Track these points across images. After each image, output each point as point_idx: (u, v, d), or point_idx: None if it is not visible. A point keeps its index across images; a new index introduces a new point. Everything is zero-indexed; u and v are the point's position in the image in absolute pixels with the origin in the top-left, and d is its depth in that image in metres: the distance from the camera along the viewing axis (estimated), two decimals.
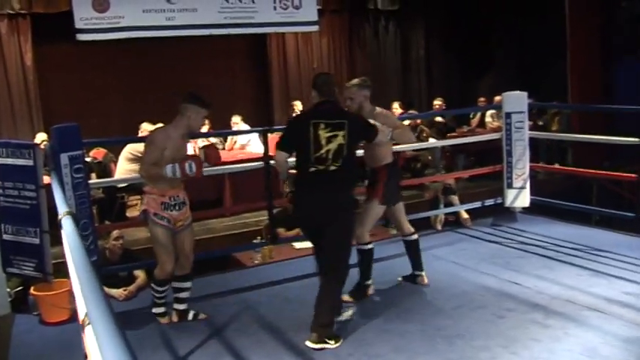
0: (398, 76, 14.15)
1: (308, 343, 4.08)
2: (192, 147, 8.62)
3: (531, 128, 7.76)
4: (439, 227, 6.93)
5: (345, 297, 4.72)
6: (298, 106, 10.88)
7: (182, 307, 4.67)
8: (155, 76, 11.19)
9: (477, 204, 6.84)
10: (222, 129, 9.68)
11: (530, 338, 4.01)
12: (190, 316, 4.67)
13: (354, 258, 4.60)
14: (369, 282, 4.93)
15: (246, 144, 9.79)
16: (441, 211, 6.94)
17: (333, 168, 4.11)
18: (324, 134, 4.09)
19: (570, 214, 6.91)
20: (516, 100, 6.39)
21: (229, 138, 10.02)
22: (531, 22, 12.70)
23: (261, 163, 5.85)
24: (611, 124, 10.65)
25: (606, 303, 4.51)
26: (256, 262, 6.13)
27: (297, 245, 6.52)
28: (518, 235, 6.44)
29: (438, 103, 10.31)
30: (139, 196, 8.62)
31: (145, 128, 8.42)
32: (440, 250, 6.05)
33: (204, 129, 9.63)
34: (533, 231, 6.52)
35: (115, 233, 5.51)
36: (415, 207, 7.59)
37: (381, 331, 4.29)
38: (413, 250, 5.15)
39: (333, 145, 4.09)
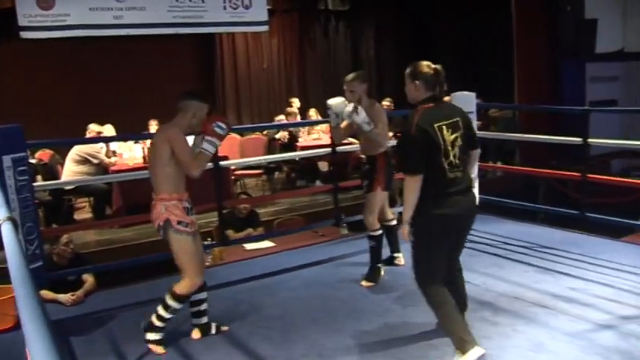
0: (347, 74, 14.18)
1: None
2: (141, 148, 8.52)
3: (480, 128, 7.86)
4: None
5: (364, 283, 5.13)
6: (296, 103, 10.83)
7: (204, 320, 4.32)
8: (103, 75, 11.03)
9: None
10: None
11: (480, 335, 4.04)
12: (213, 329, 4.34)
13: (365, 244, 5.24)
14: (381, 265, 5.28)
15: None
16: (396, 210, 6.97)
17: (459, 174, 3.64)
18: (448, 138, 3.58)
19: (518, 212, 7.04)
20: (465, 101, 6.43)
21: None
22: (479, 24, 12.92)
23: (210, 164, 5.78)
24: (557, 125, 10.89)
25: (553, 299, 4.60)
26: (207, 263, 6.03)
27: (248, 247, 6.48)
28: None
29: (386, 103, 10.36)
30: (86, 199, 8.49)
31: (93, 129, 8.27)
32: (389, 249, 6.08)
33: (153, 130, 9.53)
34: (483, 229, 6.59)
35: (65, 238, 5.37)
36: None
37: (333, 331, 4.28)
38: (393, 234, 5.44)
39: (456, 150, 3.61)
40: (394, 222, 5.40)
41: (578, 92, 11.86)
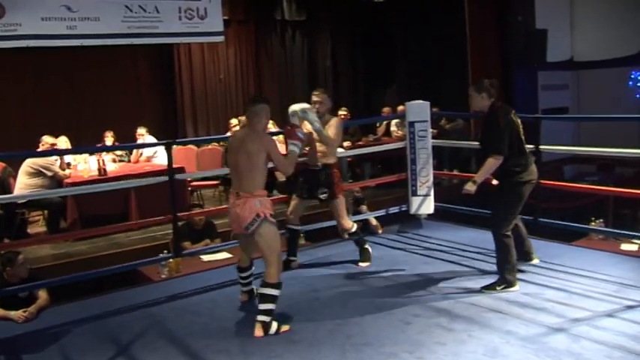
0: (305, 86, 14.23)
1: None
2: (97, 160, 8.41)
3: (435, 137, 7.95)
4: (346, 236, 7.01)
5: (362, 264, 5.91)
6: (233, 122, 10.70)
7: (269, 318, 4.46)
8: (57, 86, 10.86)
9: (382, 212, 6.97)
10: (128, 141, 9.46)
11: (436, 342, 4.11)
12: (274, 327, 4.45)
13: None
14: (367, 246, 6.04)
15: (153, 156, 9.61)
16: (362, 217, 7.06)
17: (528, 153, 4.97)
18: (519, 124, 4.90)
19: (473, 219, 7.14)
20: (419, 110, 6.53)
21: (134, 150, 9.80)
22: (434, 35, 13.09)
23: (165, 177, 5.76)
24: None
25: (506, 304, 4.69)
26: (163, 276, 5.99)
27: (205, 258, 6.44)
28: (423, 242, 6.61)
29: (343, 113, 10.43)
30: (40, 212, 8.33)
31: (47, 141, 8.12)
32: (347, 259, 6.14)
33: (109, 142, 9.43)
34: (438, 237, 6.70)
35: (21, 259, 5.22)
36: (323, 216, 7.66)
37: (290, 341, 4.28)
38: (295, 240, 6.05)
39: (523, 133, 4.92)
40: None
41: (531, 100, 12.10)
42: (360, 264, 5.91)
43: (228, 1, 11.52)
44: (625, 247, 6.10)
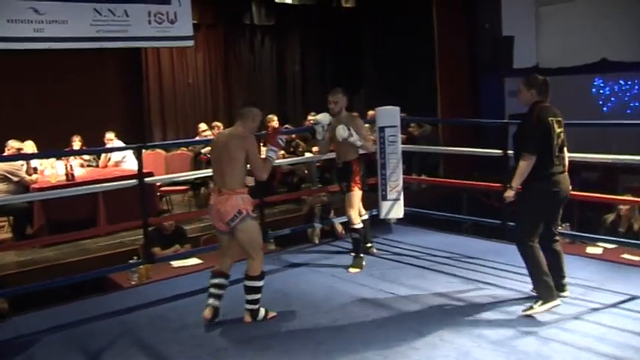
0: (274, 90, 14.27)
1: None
2: (64, 164, 8.30)
3: (404, 142, 8.00)
4: (316, 241, 7.05)
5: (352, 270, 5.84)
6: (202, 127, 10.66)
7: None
8: (23, 90, 10.69)
9: None
10: (96, 146, 9.34)
11: (408, 347, 4.13)
12: (262, 313, 4.77)
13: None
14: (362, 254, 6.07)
15: (121, 160, 9.52)
16: (321, 224, 7.07)
17: (558, 163, 4.58)
18: (556, 130, 4.55)
19: (443, 223, 7.21)
20: (389, 115, 6.56)
21: (103, 155, 9.69)
22: (402, 39, 13.18)
23: (135, 180, 5.71)
24: (477, 138, 11.24)
25: (477, 308, 4.74)
26: (133, 282, 5.93)
27: (175, 264, 6.39)
28: (393, 246, 6.65)
29: (311, 117, 10.43)
30: (5, 218, 8.19)
31: (13, 145, 7.99)
32: (317, 264, 6.17)
33: (77, 146, 9.31)
34: (408, 241, 6.75)
35: None
36: (292, 221, 7.69)
37: (263, 348, 4.27)
38: (367, 227, 6.25)
39: (559, 142, 4.58)
40: (366, 216, 6.22)
41: (498, 106, 12.25)
42: (350, 270, 5.86)
43: (197, 5, 11.46)
44: (590, 250, 6.20)
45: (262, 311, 4.74)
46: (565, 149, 4.69)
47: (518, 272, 5.46)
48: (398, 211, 6.58)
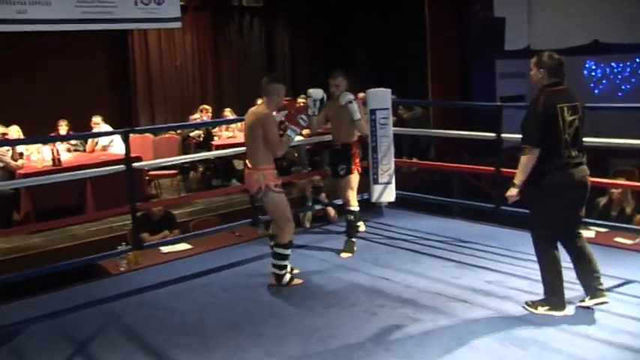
0: (263, 73, 14.05)
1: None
2: (50, 150, 8.16)
3: (394, 125, 7.90)
4: (307, 225, 6.98)
5: (343, 255, 5.75)
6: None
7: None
8: (7, 73, 10.48)
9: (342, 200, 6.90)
10: (82, 130, 9.19)
11: (402, 333, 4.08)
12: (287, 278, 5.06)
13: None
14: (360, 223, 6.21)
15: (109, 145, 9.39)
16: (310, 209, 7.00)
17: (573, 152, 4.12)
18: (567, 118, 4.09)
19: (434, 207, 7.14)
20: (381, 97, 6.45)
21: (90, 139, 9.55)
22: (393, 23, 13.07)
23: (122, 165, 5.59)
24: (468, 121, 11.17)
25: (471, 293, 4.69)
26: (122, 269, 5.83)
27: (164, 250, 6.29)
28: (385, 230, 6.58)
29: (302, 100, 10.33)
30: None
31: None
32: (309, 248, 6.07)
33: (63, 131, 9.16)
34: (400, 225, 6.68)
35: None
36: None
37: (255, 335, 4.20)
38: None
39: (572, 130, 4.12)
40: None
41: (489, 88, 12.20)
42: (342, 255, 5.79)
43: None
44: (583, 233, 6.14)
45: (287, 277, 5.04)
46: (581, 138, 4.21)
47: (512, 256, 5.45)
48: (390, 194, 6.50)
